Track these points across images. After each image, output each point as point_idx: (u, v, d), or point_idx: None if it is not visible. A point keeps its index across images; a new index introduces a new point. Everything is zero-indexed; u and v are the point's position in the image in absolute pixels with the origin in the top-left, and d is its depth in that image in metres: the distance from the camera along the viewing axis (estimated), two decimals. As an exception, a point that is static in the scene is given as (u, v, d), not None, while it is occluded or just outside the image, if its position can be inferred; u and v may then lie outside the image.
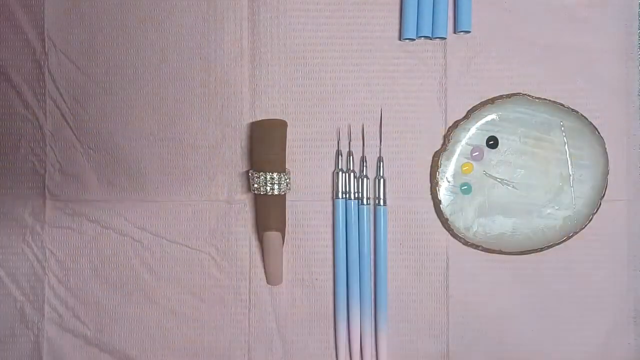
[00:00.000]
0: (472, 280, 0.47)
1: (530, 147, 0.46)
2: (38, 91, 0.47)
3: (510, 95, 0.46)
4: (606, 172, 0.46)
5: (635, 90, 0.47)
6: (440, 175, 0.46)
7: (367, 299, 0.46)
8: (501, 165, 0.46)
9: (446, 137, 0.46)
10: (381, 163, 0.46)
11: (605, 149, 0.46)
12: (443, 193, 0.46)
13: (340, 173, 0.46)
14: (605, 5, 0.47)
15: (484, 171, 0.46)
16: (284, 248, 0.46)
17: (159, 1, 0.47)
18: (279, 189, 0.44)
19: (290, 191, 0.46)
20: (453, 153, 0.46)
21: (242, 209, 0.47)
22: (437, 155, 0.46)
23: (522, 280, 0.47)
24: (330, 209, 0.47)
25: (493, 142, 0.46)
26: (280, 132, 0.46)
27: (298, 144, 0.47)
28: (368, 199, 0.46)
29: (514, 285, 0.47)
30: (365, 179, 0.46)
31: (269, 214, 0.45)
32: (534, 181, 0.46)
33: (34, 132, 0.47)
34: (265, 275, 0.47)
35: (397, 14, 0.47)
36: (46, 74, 0.47)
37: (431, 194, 0.47)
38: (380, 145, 0.47)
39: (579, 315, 0.47)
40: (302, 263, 0.47)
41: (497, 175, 0.46)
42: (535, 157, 0.46)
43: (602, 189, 0.46)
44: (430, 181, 0.47)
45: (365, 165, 0.46)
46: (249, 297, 0.47)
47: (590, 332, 0.47)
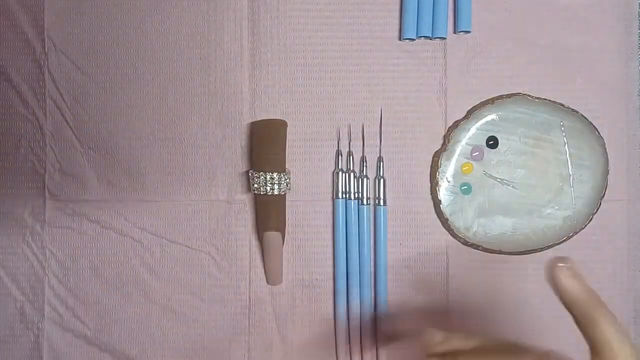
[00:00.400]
0: (472, 280, 0.47)
1: (530, 147, 0.46)
2: (38, 91, 0.47)
3: (510, 95, 0.46)
4: (606, 172, 0.46)
5: (635, 90, 0.47)
6: (440, 175, 0.46)
7: (367, 298, 0.46)
8: (501, 165, 0.46)
9: (446, 137, 0.46)
10: (381, 163, 0.46)
11: (605, 149, 0.46)
12: (443, 193, 0.46)
13: (340, 173, 0.46)
14: (605, 5, 0.47)
15: (484, 171, 0.46)
16: (284, 248, 0.46)
17: (159, 1, 0.47)
18: (279, 189, 0.44)
19: (290, 191, 0.46)
20: (453, 153, 0.46)
21: (242, 209, 0.47)
22: (437, 155, 0.46)
23: (522, 280, 0.47)
24: (330, 209, 0.47)
25: (493, 142, 0.46)
26: (280, 132, 0.46)
27: (298, 144, 0.47)
28: (368, 199, 0.46)
29: (514, 286, 0.47)
30: (365, 179, 0.46)
31: (269, 214, 0.45)
32: (534, 181, 0.46)
33: (34, 132, 0.47)
34: (265, 275, 0.47)
35: (397, 14, 0.47)
36: (46, 74, 0.47)
37: (431, 194, 0.47)
38: (380, 145, 0.47)
39: (579, 315, 0.47)
40: (302, 263, 0.47)
41: (497, 175, 0.46)
42: (535, 157, 0.46)
43: (602, 189, 0.46)
44: (430, 181, 0.47)
45: (365, 165, 0.46)
46: (249, 297, 0.47)
47: (590, 332, 0.47)
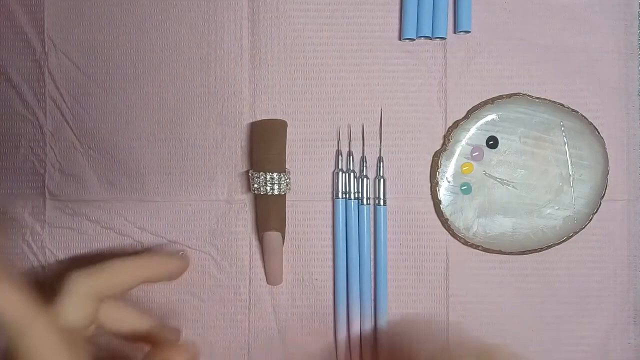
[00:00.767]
0: (472, 280, 0.47)
1: (530, 147, 0.46)
2: (38, 91, 0.47)
3: (510, 95, 0.46)
4: (606, 172, 0.46)
5: (635, 90, 0.47)
6: (440, 175, 0.46)
7: (367, 299, 0.46)
8: (501, 165, 0.46)
9: (446, 137, 0.46)
10: (381, 163, 0.46)
11: (605, 149, 0.46)
12: (443, 193, 0.46)
13: (340, 173, 0.46)
14: (605, 5, 0.47)
15: (484, 171, 0.46)
16: (284, 248, 0.46)
17: (159, 1, 0.47)
18: (279, 189, 0.44)
19: (290, 191, 0.46)
20: (453, 153, 0.46)
21: (242, 209, 0.47)
22: (437, 155, 0.46)
23: (522, 280, 0.47)
24: (330, 209, 0.47)
25: (493, 142, 0.46)
26: (280, 132, 0.45)
27: (298, 144, 0.47)
28: (368, 199, 0.46)
29: (514, 285, 0.47)
30: (365, 179, 0.46)
31: (269, 214, 0.45)
32: (534, 181, 0.46)
33: (34, 132, 0.47)
34: (265, 275, 0.47)
35: (397, 14, 0.47)
36: (46, 74, 0.47)
37: (431, 194, 0.47)
38: (380, 145, 0.47)
39: (579, 315, 0.47)
40: (302, 263, 0.47)
41: (497, 175, 0.46)
42: (535, 157, 0.46)
43: (602, 189, 0.46)
44: (430, 181, 0.47)
45: (365, 165, 0.46)
46: (249, 297, 0.47)
47: (590, 332, 0.47)
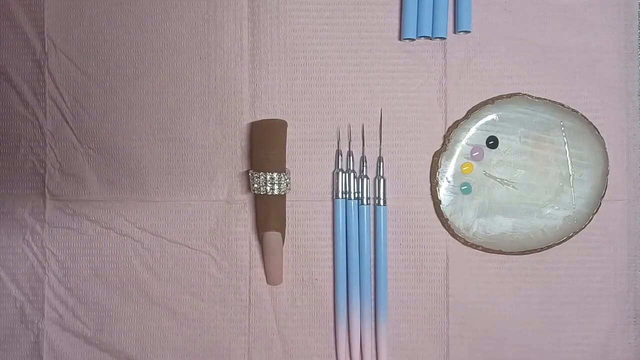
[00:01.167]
0: (472, 280, 0.47)
1: (530, 147, 0.46)
2: (38, 91, 0.47)
3: (510, 95, 0.46)
4: (606, 172, 0.46)
5: (635, 90, 0.47)
6: (440, 175, 0.46)
7: (367, 299, 0.46)
8: (501, 165, 0.46)
9: (446, 137, 0.46)
10: (381, 163, 0.46)
11: (605, 149, 0.46)
12: (443, 193, 0.46)
13: (340, 173, 0.46)
14: (605, 5, 0.47)
15: (484, 171, 0.46)
16: (284, 248, 0.46)
17: (159, 1, 0.47)
18: (279, 189, 0.44)
19: (290, 191, 0.46)
20: (453, 153, 0.46)
21: (242, 209, 0.47)
22: (437, 155, 0.46)
23: (522, 280, 0.47)
24: (330, 209, 0.47)
25: (493, 142, 0.46)
26: (280, 132, 0.46)
27: (298, 144, 0.47)
28: (368, 199, 0.46)
29: (514, 285, 0.47)
30: (365, 179, 0.46)
31: (269, 214, 0.45)
32: (534, 181, 0.46)
33: (34, 132, 0.47)
34: (265, 275, 0.47)
35: (397, 14, 0.47)
36: (46, 74, 0.47)
37: (431, 194, 0.47)
38: (380, 145, 0.47)
39: (579, 315, 0.47)
40: (302, 263, 0.47)
41: (497, 175, 0.46)
42: (535, 157, 0.46)
43: (602, 189, 0.46)
44: (430, 181, 0.47)
45: (365, 165, 0.46)
46: (249, 297, 0.47)
47: (590, 332, 0.47)
